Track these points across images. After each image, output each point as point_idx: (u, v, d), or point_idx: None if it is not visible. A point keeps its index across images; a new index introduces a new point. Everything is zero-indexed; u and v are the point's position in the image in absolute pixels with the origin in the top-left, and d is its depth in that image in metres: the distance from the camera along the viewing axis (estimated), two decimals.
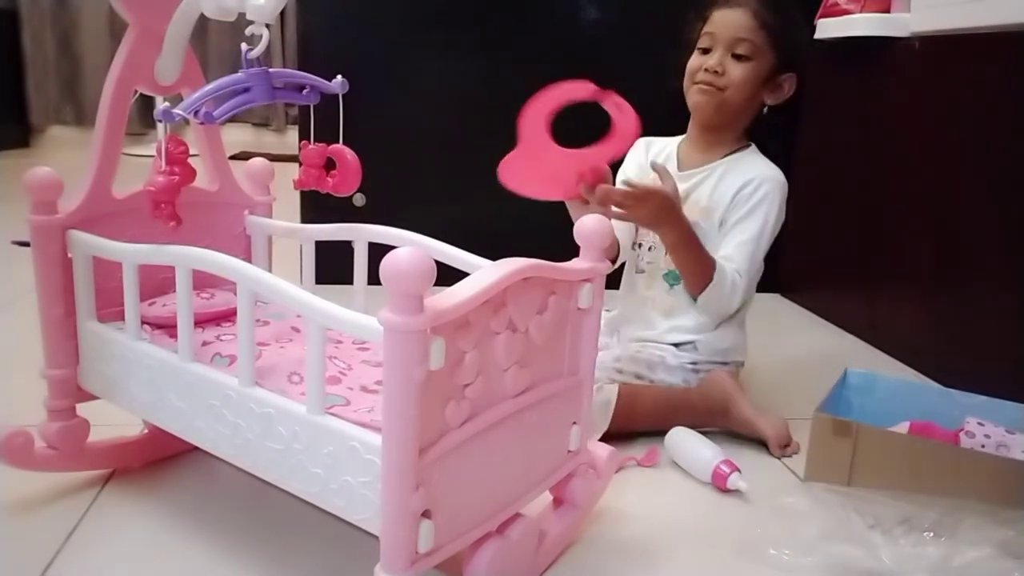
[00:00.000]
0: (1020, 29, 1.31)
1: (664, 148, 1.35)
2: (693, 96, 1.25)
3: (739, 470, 1.06)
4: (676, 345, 1.27)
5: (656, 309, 1.30)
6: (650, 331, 1.30)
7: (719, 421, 1.21)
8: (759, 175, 1.25)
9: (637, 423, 1.18)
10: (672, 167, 1.28)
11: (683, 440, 1.14)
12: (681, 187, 1.24)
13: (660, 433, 1.18)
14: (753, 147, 1.31)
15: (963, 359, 1.43)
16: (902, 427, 1.09)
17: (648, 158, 1.32)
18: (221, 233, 1.05)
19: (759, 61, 1.21)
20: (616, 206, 1.11)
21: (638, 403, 1.18)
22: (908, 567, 0.85)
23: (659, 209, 1.14)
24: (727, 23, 1.22)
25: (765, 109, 1.27)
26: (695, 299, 1.23)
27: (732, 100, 1.23)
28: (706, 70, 1.22)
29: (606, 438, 1.13)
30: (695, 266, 1.20)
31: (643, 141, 1.35)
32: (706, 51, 1.24)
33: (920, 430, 1.07)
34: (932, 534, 0.88)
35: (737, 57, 1.21)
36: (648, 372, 1.25)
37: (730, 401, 1.20)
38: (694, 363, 1.26)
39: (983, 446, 1.04)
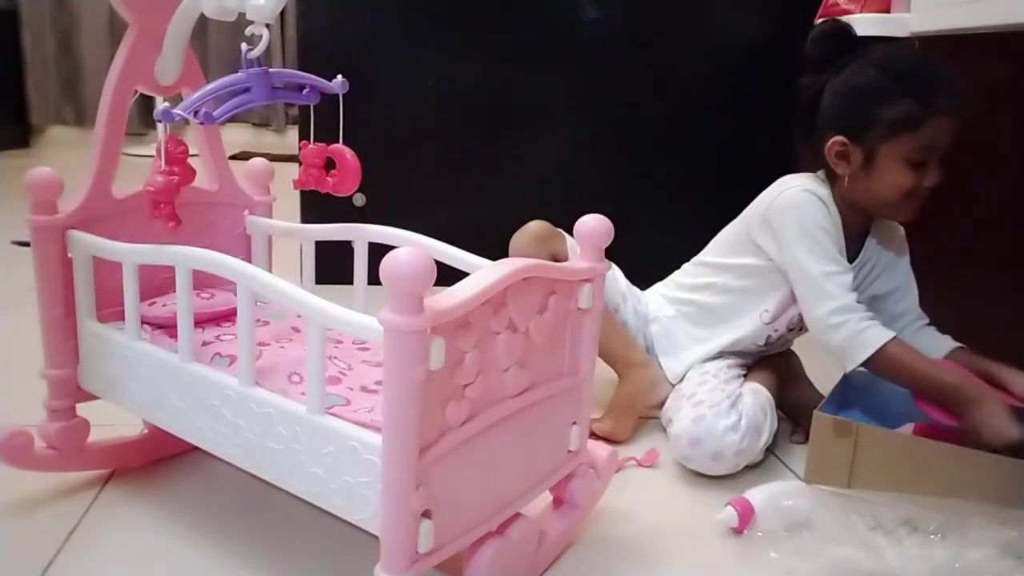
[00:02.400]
0: (1020, 29, 1.31)
1: (834, 216, 1.16)
2: (907, 212, 1.13)
3: (739, 511, 0.97)
4: None
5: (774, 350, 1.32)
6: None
7: (786, 385, 1.31)
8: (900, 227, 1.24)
9: None
10: (842, 240, 1.15)
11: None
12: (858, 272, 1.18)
13: (659, 432, 1.18)
14: None
15: None
16: (906, 429, 1.09)
17: (833, 222, 1.14)
18: (221, 233, 1.05)
19: None
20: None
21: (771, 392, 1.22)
22: (910, 568, 0.85)
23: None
24: (948, 135, 1.07)
25: None
26: None
27: None
28: (927, 187, 1.09)
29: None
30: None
31: (812, 195, 1.14)
32: (920, 165, 1.08)
33: (924, 432, 1.07)
34: (939, 536, 0.87)
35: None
36: (743, 364, 1.28)
37: (798, 369, 1.35)
38: None
39: None
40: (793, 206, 1.14)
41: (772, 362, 1.30)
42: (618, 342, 1.25)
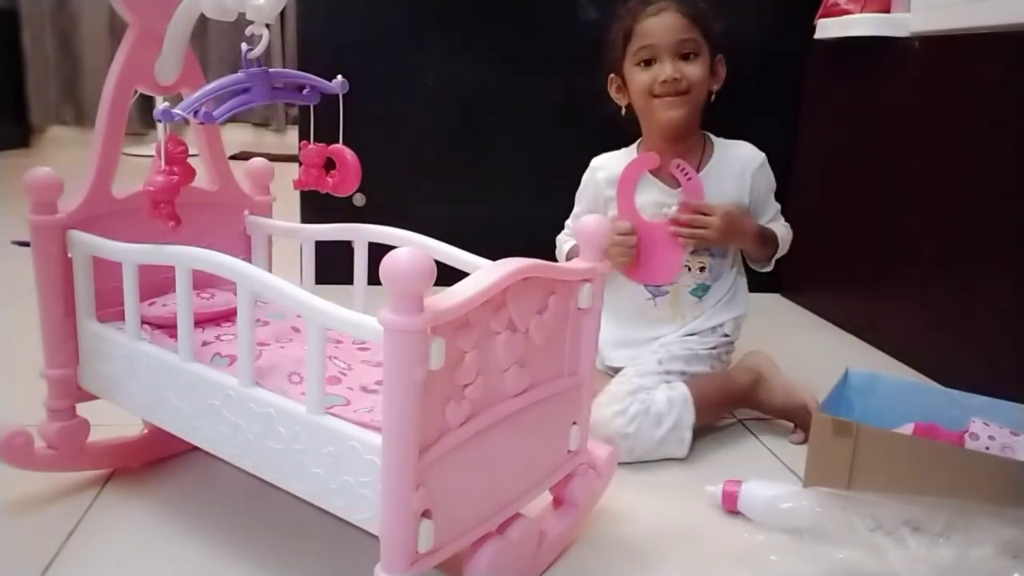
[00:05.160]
0: (1020, 29, 1.31)
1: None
2: (660, 111, 1.23)
3: (724, 491, 1.02)
4: (699, 334, 1.30)
5: (684, 318, 1.30)
6: (677, 330, 1.30)
7: (756, 397, 1.28)
8: (760, 157, 1.30)
9: (703, 416, 1.18)
10: (654, 187, 1.27)
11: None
12: (675, 202, 1.25)
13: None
14: (711, 136, 1.32)
15: (964, 359, 1.42)
16: (907, 428, 1.09)
17: (605, 186, 1.30)
18: (221, 233, 1.05)
19: (703, 54, 1.22)
20: (691, 236, 1.22)
21: (704, 396, 1.19)
22: (915, 570, 0.84)
23: (730, 222, 1.22)
24: (664, 29, 1.20)
25: (712, 97, 1.27)
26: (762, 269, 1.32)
27: (697, 100, 1.24)
28: (664, 81, 1.20)
29: None
30: (771, 249, 1.30)
31: (590, 166, 1.34)
32: (649, 63, 1.22)
33: (925, 432, 1.07)
34: (945, 537, 0.87)
35: (685, 57, 1.21)
36: (686, 367, 1.25)
37: (768, 372, 1.29)
38: (714, 347, 1.29)
39: (987, 448, 1.03)
40: None
41: (735, 373, 1.29)
42: None
